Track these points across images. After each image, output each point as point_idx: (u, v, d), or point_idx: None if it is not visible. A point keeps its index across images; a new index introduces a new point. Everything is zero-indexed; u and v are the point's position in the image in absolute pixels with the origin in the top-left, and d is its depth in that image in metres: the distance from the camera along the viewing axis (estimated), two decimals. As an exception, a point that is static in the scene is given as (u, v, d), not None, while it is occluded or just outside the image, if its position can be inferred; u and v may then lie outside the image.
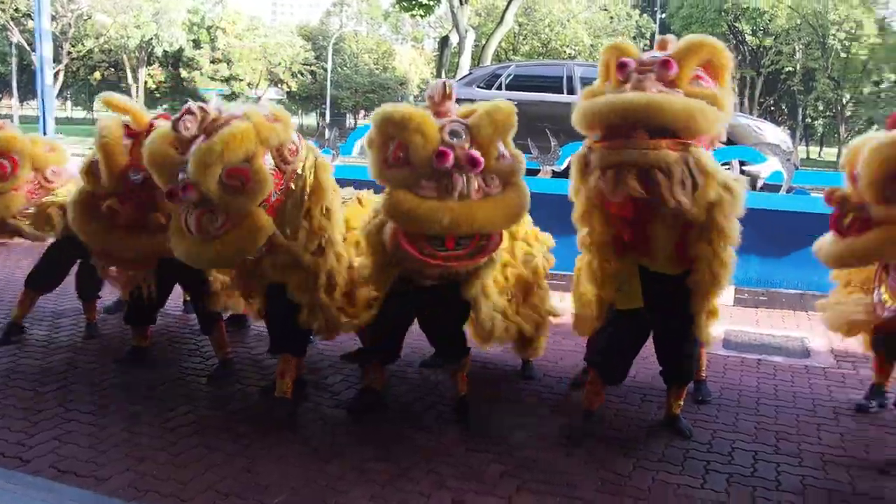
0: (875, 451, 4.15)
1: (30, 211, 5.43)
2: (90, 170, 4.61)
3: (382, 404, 4.55)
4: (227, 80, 47.04)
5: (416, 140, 3.63)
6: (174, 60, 47.51)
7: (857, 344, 5.03)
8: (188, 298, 6.27)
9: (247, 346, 5.76)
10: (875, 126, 35.03)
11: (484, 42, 26.90)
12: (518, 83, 10.73)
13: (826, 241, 4.09)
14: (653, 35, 40.98)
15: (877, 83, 40.71)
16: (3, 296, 7.01)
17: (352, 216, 4.60)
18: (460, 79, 12.40)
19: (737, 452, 4.08)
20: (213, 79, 46.38)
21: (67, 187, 5.42)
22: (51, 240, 5.70)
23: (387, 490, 3.58)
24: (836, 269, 3.57)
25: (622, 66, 3.71)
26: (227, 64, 46.97)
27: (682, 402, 4.36)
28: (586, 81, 10.60)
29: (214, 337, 5.14)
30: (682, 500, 3.55)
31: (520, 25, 40.57)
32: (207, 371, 5.16)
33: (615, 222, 3.85)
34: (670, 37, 3.89)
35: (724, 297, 4.34)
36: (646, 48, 4.17)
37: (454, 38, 24.42)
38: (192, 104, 3.76)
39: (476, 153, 3.65)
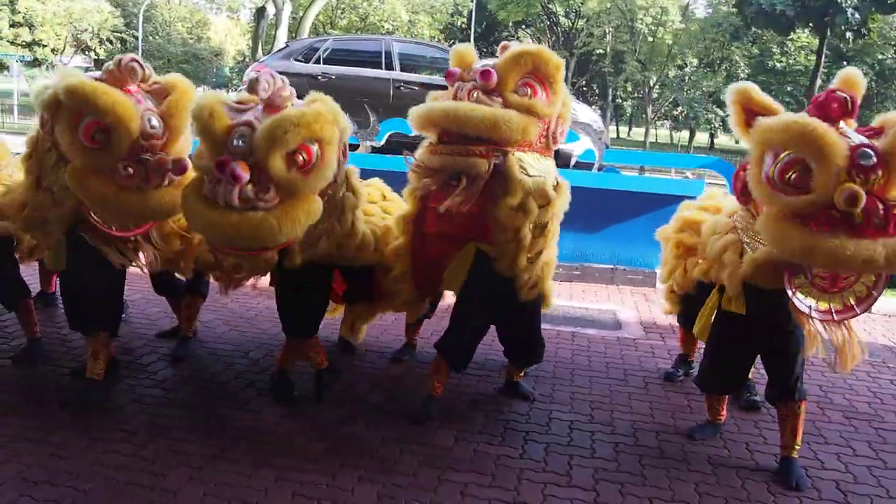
0: (680, 417, 4.48)
1: None
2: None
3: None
4: (28, 46, 43.96)
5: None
6: (-33, 23, 44.06)
7: (663, 316, 5.42)
8: None
9: (56, 325, 5.52)
10: (679, 107, 37.26)
11: (301, 14, 26.56)
12: (336, 57, 10.68)
13: None
14: (470, 13, 41.64)
15: (681, 67, 43.24)
16: None
17: None
18: (277, 51, 12.21)
19: (553, 422, 4.30)
20: (13, 43, 43.19)
21: None
22: None
23: (205, 471, 3.55)
24: None
25: (449, 75, 3.97)
26: (30, 28, 43.90)
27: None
28: (405, 57, 10.79)
29: (22, 315, 4.92)
30: (502, 470, 3.72)
31: (338, -1, 40.29)
32: (12, 352, 4.92)
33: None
34: (513, 43, 4.00)
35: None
36: (464, 27, 4.37)
37: (271, 10, 24.03)
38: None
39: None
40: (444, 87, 4.16)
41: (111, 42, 48.86)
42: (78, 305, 4.33)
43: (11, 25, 43.47)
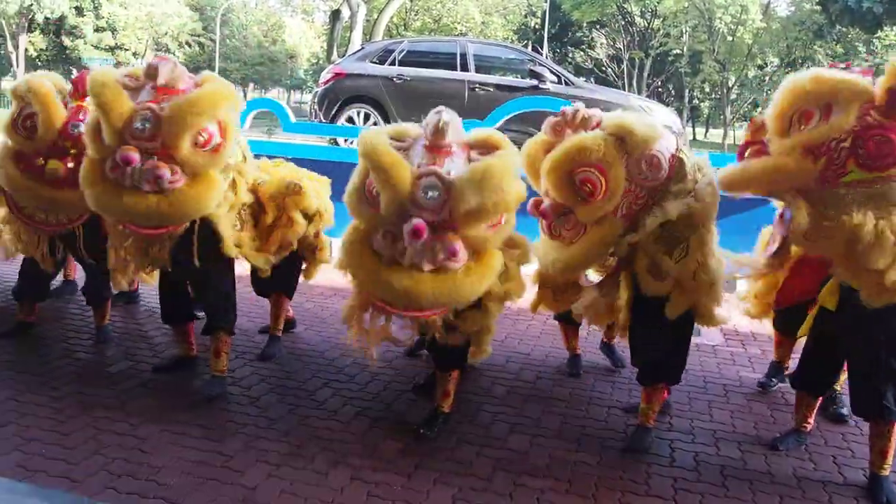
0: (763, 428, 4.35)
1: None
2: (14, 126, 4.52)
3: None
4: (111, 50, 45.27)
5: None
6: (56, 28, 45.45)
7: (744, 322, 5.29)
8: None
9: (137, 321, 5.67)
10: (759, 108, 36.42)
11: (376, 17, 26.76)
12: (411, 59, 10.75)
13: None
14: (544, 14, 41.45)
15: (761, 67, 42.31)
16: None
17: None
18: (352, 54, 12.33)
19: (631, 430, 4.21)
20: (97, 48, 44.57)
21: None
22: None
23: (282, 469, 3.59)
24: (729, 192, 3.64)
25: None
26: (112, 33, 45.20)
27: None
28: (480, 59, 10.79)
29: (100, 312, 5.13)
30: (579, 477, 3.67)
31: (411, 0, 40.43)
32: (100, 349, 5.06)
33: None
34: None
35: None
36: (537, 27, 4.35)
37: (345, 12, 24.23)
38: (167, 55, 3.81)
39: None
40: (519, 89, 4.18)
41: (189, 45, 50.01)
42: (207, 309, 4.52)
43: (95, 30, 44.81)
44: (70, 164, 4.41)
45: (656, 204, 3.61)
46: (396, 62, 10.59)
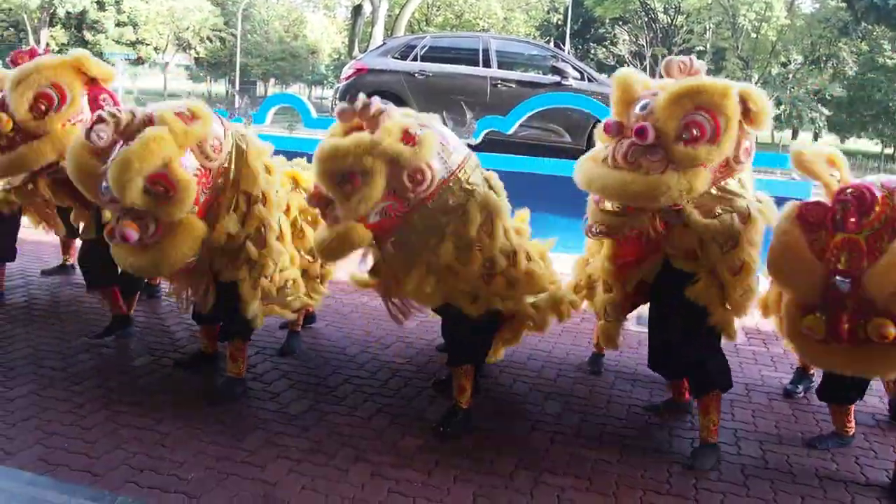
0: (784, 427, 4.31)
1: None
2: None
3: None
4: (133, 45, 45.51)
5: None
6: (78, 22, 45.75)
7: (766, 321, 5.22)
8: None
9: (159, 317, 5.69)
10: (782, 106, 36.13)
11: (398, 12, 26.76)
12: (433, 54, 10.71)
13: None
14: (566, 10, 41.31)
15: (784, 64, 41.93)
16: None
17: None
18: (374, 49, 12.31)
19: (652, 428, 4.22)
20: (118, 42, 44.78)
21: None
22: None
23: (303, 465, 3.59)
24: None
25: (607, 129, 3.67)
26: (133, 27, 45.45)
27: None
28: (502, 55, 10.74)
29: (128, 302, 5.19)
30: (599, 475, 3.66)
31: (434, -4, 40.50)
32: (116, 342, 5.09)
33: None
34: (675, 61, 3.75)
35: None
36: (559, 24, 4.29)
37: (367, 8, 24.23)
38: (103, 112, 3.66)
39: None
40: (541, 85, 4.12)
41: (211, 40, 50.22)
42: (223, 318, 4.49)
43: (117, 25, 45.08)
44: None
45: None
46: (418, 58, 10.57)
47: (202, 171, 3.77)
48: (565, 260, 4.83)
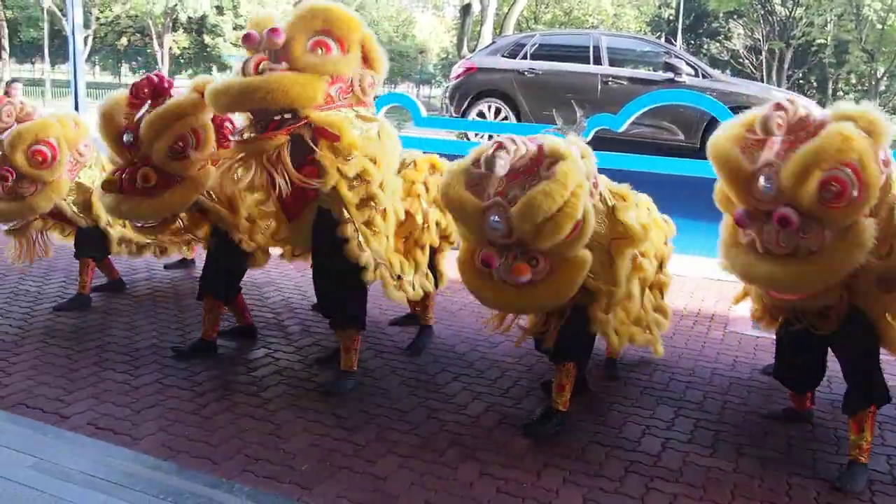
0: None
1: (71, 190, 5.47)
2: None
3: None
4: (249, 47, 46.89)
5: None
6: (198, 27, 47.42)
7: None
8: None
9: (273, 311, 5.85)
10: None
11: (506, 10, 26.72)
12: (543, 52, 10.67)
13: None
14: (678, 5, 40.45)
15: (913, 57, 40.03)
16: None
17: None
18: (484, 48, 12.34)
19: (770, 436, 4.09)
20: (236, 45, 46.18)
21: (91, 170, 5.59)
22: None
23: (412, 460, 3.63)
24: None
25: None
26: (250, 30, 46.86)
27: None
28: (613, 51, 10.61)
29: (234, 303, 5.23)
30: (713, 484, 3.57)
31: (543, -6, 40.29)
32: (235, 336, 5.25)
33: None
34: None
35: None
36: (671, 19, 4.18)
37: (476, 7, 24.28)
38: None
39: None
40: (653, 82, 4.04)
41: (326, 41, 51.14)
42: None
43: (234, 28, 46.52)
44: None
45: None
46: (528, 56, 10.54)
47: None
48: (681, 262, 4.71)
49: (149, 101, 4.37)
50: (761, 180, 3.23)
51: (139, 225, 4.68)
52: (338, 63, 3.83)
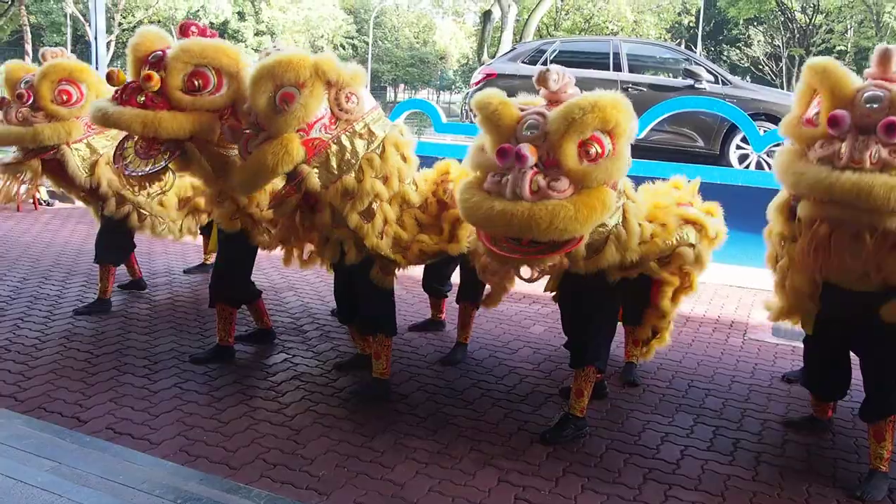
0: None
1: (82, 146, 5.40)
2: None
3: None
4: (269, 53, 47.17)
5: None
6: (220, 32, 47.64)
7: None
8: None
9: (292, 316, 5.86)
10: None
11: (527, 17, 26.72)
12: (563, 59, 10.64)
13: None
14: (698, 11, 40.32)
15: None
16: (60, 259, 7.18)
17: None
18: (504, 54, 12.34)
19: (789, 444, 4.05)
20: (257, 51, 46.48)
21: (106, 140, 5.44)
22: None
23: (430, 467, 3.62)
24: None
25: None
26: (271, 36, 47.07)
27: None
28: (633, 58, 10.58)
29: (254, 307, 5.26)
30: (733, 492, 3.53)
31: (562, 0, 40.15)
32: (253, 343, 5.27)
33: None
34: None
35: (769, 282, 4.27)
36: (691, 25, 4.15)
37: (496, 13, 24.29)
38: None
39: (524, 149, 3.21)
40: (673, 89, 3.98)
41: (343, 47, 51.48)
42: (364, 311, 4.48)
43: (255, 34, 46.80)
44: None
45: None
46: (548, 62, 10.51)
47: (328, 116, 3.95)
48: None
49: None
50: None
51: (127, 173, 4.33)
52: (297, 113, 3.66)
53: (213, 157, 4.26)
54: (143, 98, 3.98)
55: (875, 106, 3.15)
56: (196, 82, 4.06)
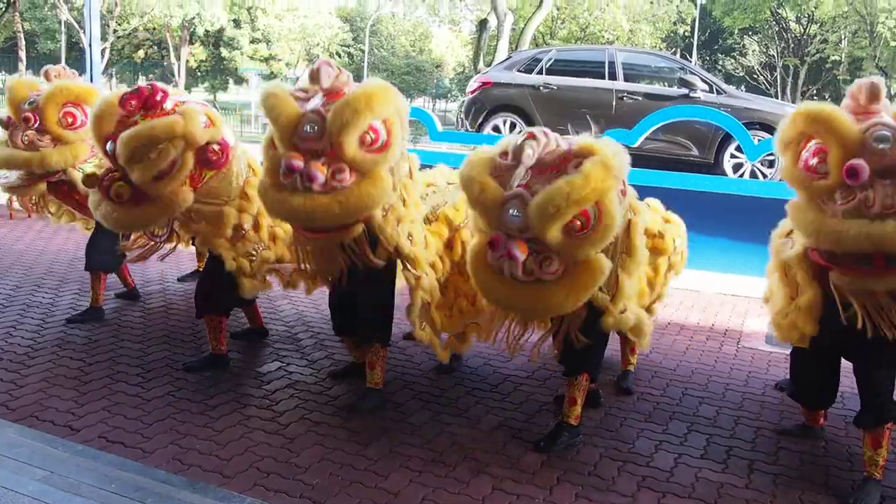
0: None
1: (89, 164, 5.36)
2: None
3: None
4: (265, 60, 47.15)
5: None
6: (215, 40, 47.72)
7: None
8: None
9: (287, 324, 5.86)
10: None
11: (522, 26, 26.76)
12: (558, 68, 10.66)
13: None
14: (693, 21, 40.47)
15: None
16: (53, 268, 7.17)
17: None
18: (499, 63, 12.35)
19: (783, 452, 4.06)
20: (252, 58, 46.51)
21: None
22: None
23: (424, 475, 3.61)
24: None
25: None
26: (267, 44, 47.10)
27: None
28: (628, 67, 10.60)
29: (249, 310, 5.31)
30: (726, 500, 3.53)
31: (558, 9, 40.20)
32: (248, 349, 5.26)
33: None
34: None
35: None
36: (686, 35, 4.18)
37: (493, 22, 24.32)
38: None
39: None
40: (668, 98, 4.02)
41: (339, 55, 51.55)
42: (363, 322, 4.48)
43: (251, 42, 46.83)
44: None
45: None
46: (544, 71, 10.54)
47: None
48: (694, 277, 4.69)
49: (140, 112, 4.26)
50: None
51: None
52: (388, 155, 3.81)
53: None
54: None
55: (887, 146, 3.11)
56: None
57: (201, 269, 6.86)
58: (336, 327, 4.70)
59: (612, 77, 10.27)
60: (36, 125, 5.17)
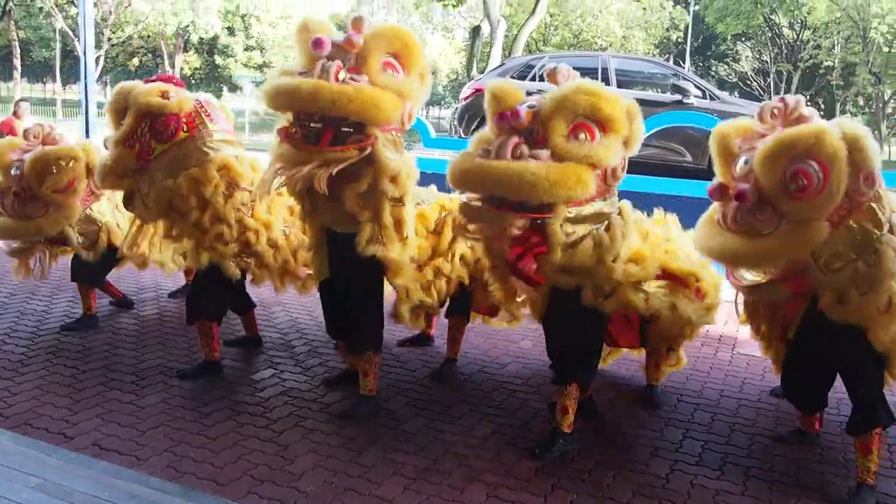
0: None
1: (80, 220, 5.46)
2: None
3: None
4: (260, 68, 47.18)
5: None
6: (209, 47, 47.75)
7: None
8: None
9: (280, 331, 5.84)
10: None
11: (515, 32, 26.83)
12: (552, 74, 10.69)
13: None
14: (686, 27, 40.60)
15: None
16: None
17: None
18: (493, 69, 12.38)
19: (779, 459, 4.05)
20: (246, 66, 46.52)
21: (106, 203, 5.60)
22: None
23: (418, 482, 3.60)
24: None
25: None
26: (261, 51, 47.11)
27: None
28: (621, 73, 10.63)
29: (246, 318, 5.34)
30: None
31: (551, 16, 40.30)
32: (242, 356, 5.25)
33: None
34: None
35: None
36: (679, 41, 4.24)
37: (486, 28, 24.39)
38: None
39: None
40: (661, 104, 4.09)
41: (334, 62, 51.44)
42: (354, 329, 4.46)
43: (245, 49, 46.84)
44: None
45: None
46: (537, 78, 10.56)
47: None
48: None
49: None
50: (741, 159, 3.47)
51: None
52: (405, 85, 3.89)
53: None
54: None
55: (745, 167, 3.50)
56: None
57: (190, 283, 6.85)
58: (329, 330, 4.70)
59: (606, 83, 10.25)
60: (26, 197, 5.23)
